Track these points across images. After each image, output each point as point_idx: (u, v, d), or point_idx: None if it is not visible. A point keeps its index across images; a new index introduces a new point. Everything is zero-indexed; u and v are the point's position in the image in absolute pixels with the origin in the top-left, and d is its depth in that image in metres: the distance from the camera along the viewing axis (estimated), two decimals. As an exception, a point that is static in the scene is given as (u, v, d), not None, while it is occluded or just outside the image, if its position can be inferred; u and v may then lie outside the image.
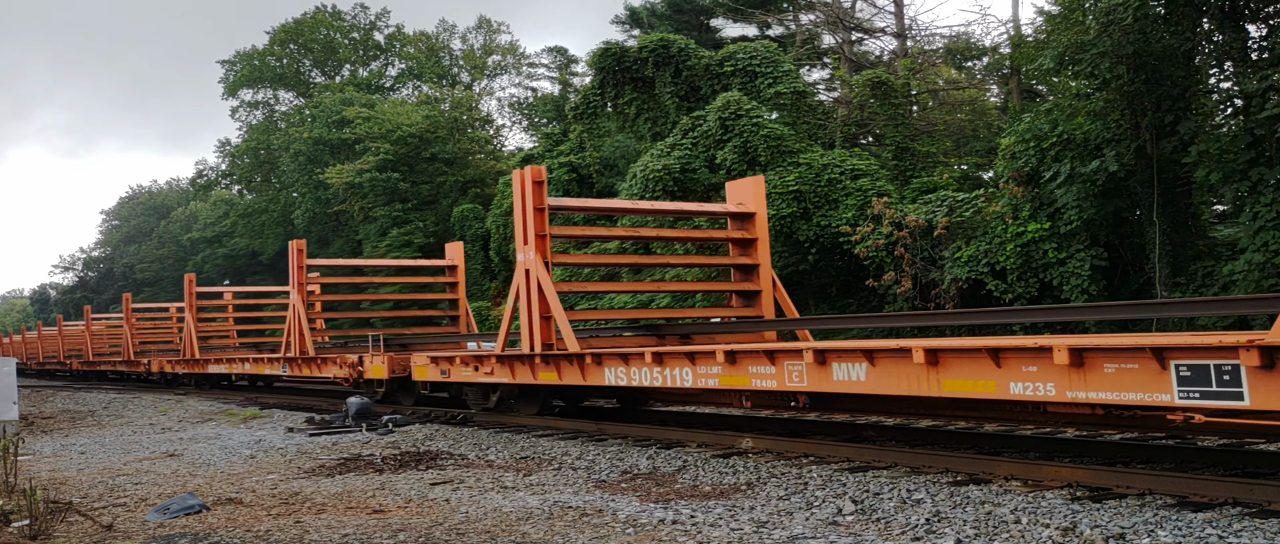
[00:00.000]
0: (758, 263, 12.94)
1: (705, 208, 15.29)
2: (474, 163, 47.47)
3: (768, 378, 8.94)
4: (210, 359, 24.26)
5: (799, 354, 8.61)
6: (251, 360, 21.75)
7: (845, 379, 8.25)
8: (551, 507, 7.56)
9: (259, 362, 21.17)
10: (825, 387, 8.41)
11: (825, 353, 8.39)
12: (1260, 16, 16.07)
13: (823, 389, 8.45)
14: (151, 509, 8.16)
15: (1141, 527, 6.06)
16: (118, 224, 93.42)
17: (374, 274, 29.04)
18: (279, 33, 61.93)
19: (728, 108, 24.05)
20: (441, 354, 13.88)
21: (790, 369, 8.72)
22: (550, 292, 11.45)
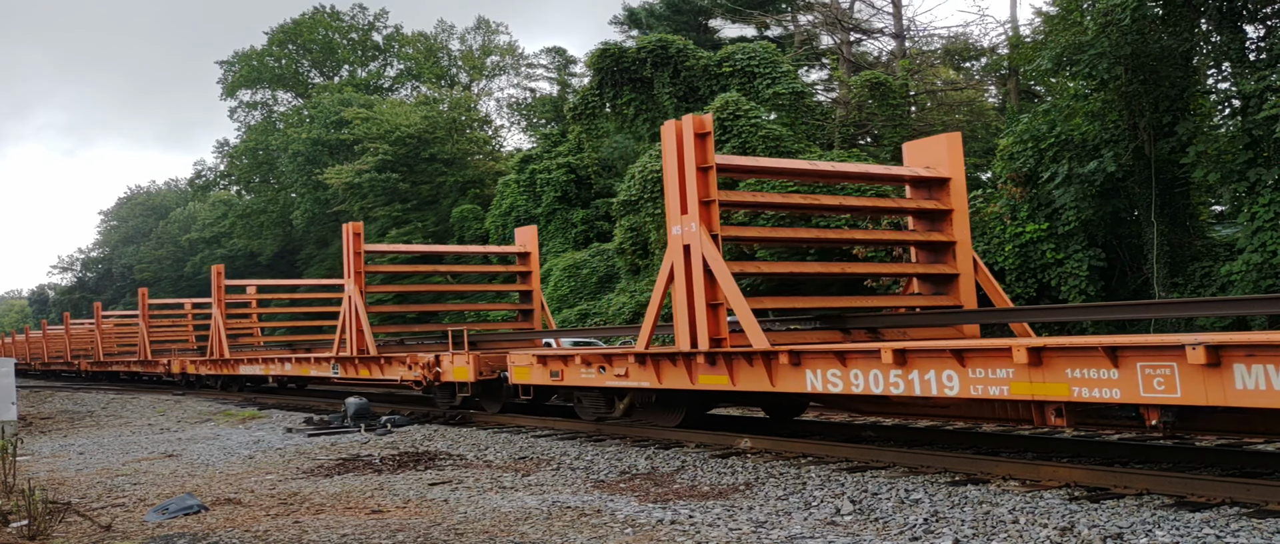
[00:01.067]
0: (953, 240, 10.46)
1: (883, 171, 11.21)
2: (473, 163, 47.49)
3: (1103, 387, 6.60)
4: (241, 359, 22.21)
5: (1166, 351, 6.26)
6: (294, 360, 19.22)
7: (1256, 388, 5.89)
8: (550, 507, 7.57)
9: (304, 362, 18.69)
10: (1216, 398, 6.08)
11: (1219, 349, 6.00)
12: (1258, 17, 16.10)
13: (1210, 402, 6.11)
14: (150, 509, 8.16)
15: (1139, 526, 6.07)
16: (116, 224, 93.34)
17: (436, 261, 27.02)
18: (278, 33, 61.96)
19: (726, 108, 24.06)
20: (551, 353, 11.89)
21: (1150, 374, 6.37)
22: (723, 273, 9.23)
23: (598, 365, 10.96)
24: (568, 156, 35.87)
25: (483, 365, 13.76)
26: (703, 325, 9.43)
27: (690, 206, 9.50)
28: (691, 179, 9.47)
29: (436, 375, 14.44)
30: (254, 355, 22.16)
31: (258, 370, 21.28)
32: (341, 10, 63.05)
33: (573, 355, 11.35)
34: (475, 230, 40.08)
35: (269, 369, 20.73)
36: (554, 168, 35.69)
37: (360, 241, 16.36)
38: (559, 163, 35.86)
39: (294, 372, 19.26)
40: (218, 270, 24.16)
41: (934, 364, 7.61)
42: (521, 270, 17.84)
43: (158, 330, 33.52)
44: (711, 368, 9.56)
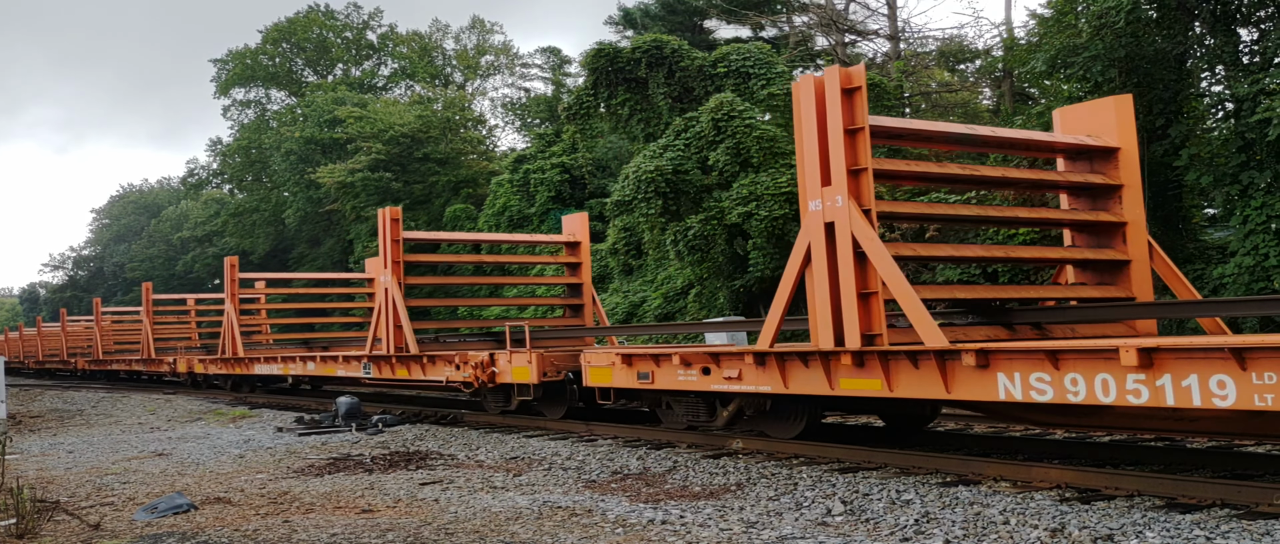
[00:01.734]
0: (1124, 221, 9.18)
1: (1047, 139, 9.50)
2: (466, 163, 47.45)
3: None
4: (256, 357, 20.71)
5: None
6: (319, 359, 17.70)
7: None
8: (541, 507, 7.54)
9: (330, 361, 17.24)
10: None
11: None
12: (1252, 21, 16.14)
13: None
14: (139, 508, 8.13)
15: (1130, 527, 6.06)
16: (108, 223, 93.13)
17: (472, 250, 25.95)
18: (272, 32, 61.84)
19: (720, 109, 24.05)
20: (640, 351, 10.47)
21: None
22: (880, 255, 7.79)
23: (700, 366, 9.62)
24: (562, 156, 35.86)
25: (547, 365, 12.34)
26: (852, 319, 7.94)
27: (834, 177, 8.05)
28: (837, 145, 8.00)
29: (491, 376, 13.07)
30: (271, 353, 20.63)
31: (275, 370, 19.67)
32: (336, 9, 62.99)
33: (669, 354, 10.00)
34: (468, 229, 40.04)
35: (288, 368, 19.05)
36: (548, 168, 35.67)
37: (398, 228, 14.81)
38: (553, 163, 35.84)
39: (318, 372, 17.76)
40: (231, 262, 22.47)
41: (1197, 367, 6.16)
42: (570, 261, 16.30)
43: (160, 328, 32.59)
44: (859, 370, 8.06)
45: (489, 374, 13.06)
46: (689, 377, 9.83)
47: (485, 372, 13.11)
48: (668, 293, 26.73)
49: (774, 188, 21.82)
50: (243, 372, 21.41)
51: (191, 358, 25.04)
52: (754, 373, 9.03)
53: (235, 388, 23.64)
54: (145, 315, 28.89)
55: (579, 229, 16.36)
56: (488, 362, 13.08)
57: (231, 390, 23.69)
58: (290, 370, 19.05)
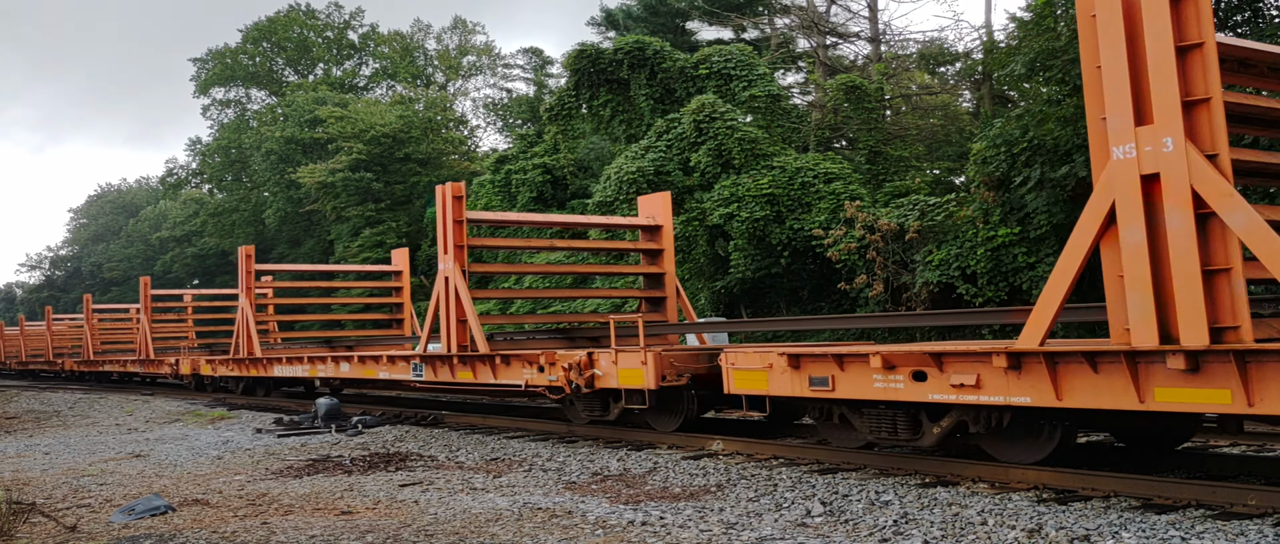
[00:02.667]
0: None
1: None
2: (448, 163, 47.33)
3: None
4: (276, 358, 18.53)
5: None
6: (355, 360, 15.53)
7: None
8: (521, 508, 7.54)
9: (369, 362, 15.18)
10: None
11: None
12: (1228, 25, 16.29)
13: None
14: (116, 510, 8.07)
15: (1106, 528, 6.12)
16: (85, 222, 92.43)
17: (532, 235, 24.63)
18: (252, 31, 61.50)
19: (702, 110, 24.10)
20: (813, 351, 8.70)
21: None
22: (1244, 216, 5.86)
23: (909, 371, 7.81)
24: (544, 157, 35.80)
25: (667, 367, 10.46)
26: (1194, 306, 6.01)
27: (1156, 111, 6.26)
28: (1167, 66, 6.22)
29: (589, 380, 11.10)
30: (295, 353, 18.33)
31: (300, 371, 17.51)
32: (317, 8, 62.68)
33: (862, 355, 8.17)
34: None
35: (316, 370, 16.86)
36: (530, 168, 35.61)
37: (462, 207, 12.86)
38: (535, 163, 35.78)
39: (354, 374, 15.64)
40: (246, 252, 20.04)
41: None
42: (650, 247, 14.31)
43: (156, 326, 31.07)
44: (1193, 377, 6.13)
45: (586, 377, 11.08)
46: (891, 384, 7.98)
47: (582, 374, 11.12)
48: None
49: (755, 189, 21.88)
50: (260, 374, 19.34)
51: (197, 358, 23.09)
52: (1003, 380, 7.18)
53: (248, 392, 21.94)
54: (143, 313, 26.97)
55: (660, 211, 14.37)
56: (585, 362, 11.11)
57: (243, 394, 22.07)
58: (319, 372, 16.88)
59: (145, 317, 26.87)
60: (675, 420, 11.17)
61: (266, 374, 19.02)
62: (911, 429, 8.46)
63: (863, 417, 8.81)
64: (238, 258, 20.10)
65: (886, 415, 8.60)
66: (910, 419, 8.47)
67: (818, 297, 22.69)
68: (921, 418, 8.39)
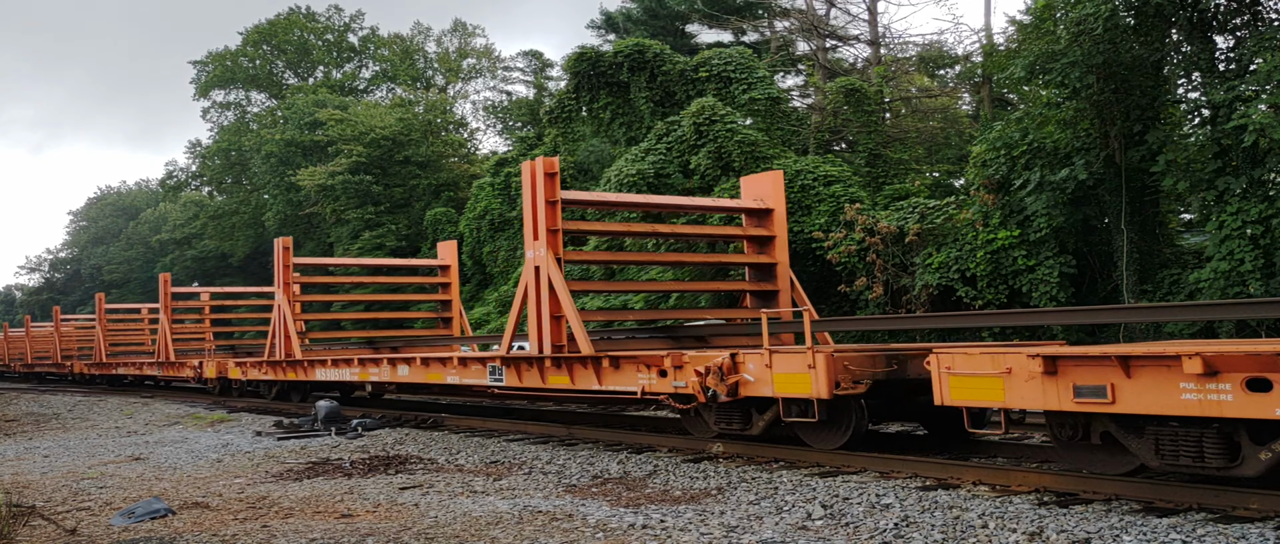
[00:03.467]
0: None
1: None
2: (448, 166, 47.34)
3: None
4: (320, 360, 16.77)
5: None
6: (417, 361, 13.78)
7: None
8: (521, 511, 7.53)
9: (434, 365, 13.41)
10: None
11: None
12: (1227, 28, 16.29)
13: None
14: (116, 513, 8.06)
15: (1107, 531, 6.11)
16: (85, 225, 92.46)
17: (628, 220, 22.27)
18: (252, 34, 61.54)
19: (702, 113, 24.11)
20: (1074, 354, 7.14)
21: None
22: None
23: (1240, 378, 6.22)
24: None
25: (841, 371, 8.71)
26: None
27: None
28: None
29: (733, 387, 9.37)
30: (343, 355, 16.74)
31: (348, 375, 15.79)
32: (317, 11, 62.73)
33: (1166, 356, 6.56)
34: (449, 233, 39.93)
35: (368, 373, 15.15)
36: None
37: (555, 186, 11.21)
38: (534, 166, 35.76)
39: (415, 378, 13.90)
40: (284, 244, 18.14)
41: None
42: (758, 234, 12.61)
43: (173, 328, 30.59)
44: None
45: (729, 384, 9.32)
46: (1210, 395, 6.36)
47: (722, 380, 9.35)
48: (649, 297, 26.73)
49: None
50: (299, 377, 17.51)
51: (224, 360, 21.40)
52: None
53: (282, 396, 19.83)
54: (163, 313, 25.21)
55: (771, 192, 12.58)
56: (728, 366, 9.34)
57: (276, 398, 20.04)
58: (371, 376, 15.10)
59: (165, 317, 25.12)
60: (839, 436, 9.30)
61: (307, 377, 17.17)
62: (1226, 454, 6.64)
63: (1145, 437, 7.07)
64: (274, 251, 18.37)
65: (1187, 436, 6.85)
66: (1224, 441, 6.67)
67: (818, 299, 22.67)
68: (1241, 439, 6.62)
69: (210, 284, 57.14)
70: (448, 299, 19.72)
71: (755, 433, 9.89)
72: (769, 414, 9.62)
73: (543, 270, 11.15)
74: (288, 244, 18.22)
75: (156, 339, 25.45)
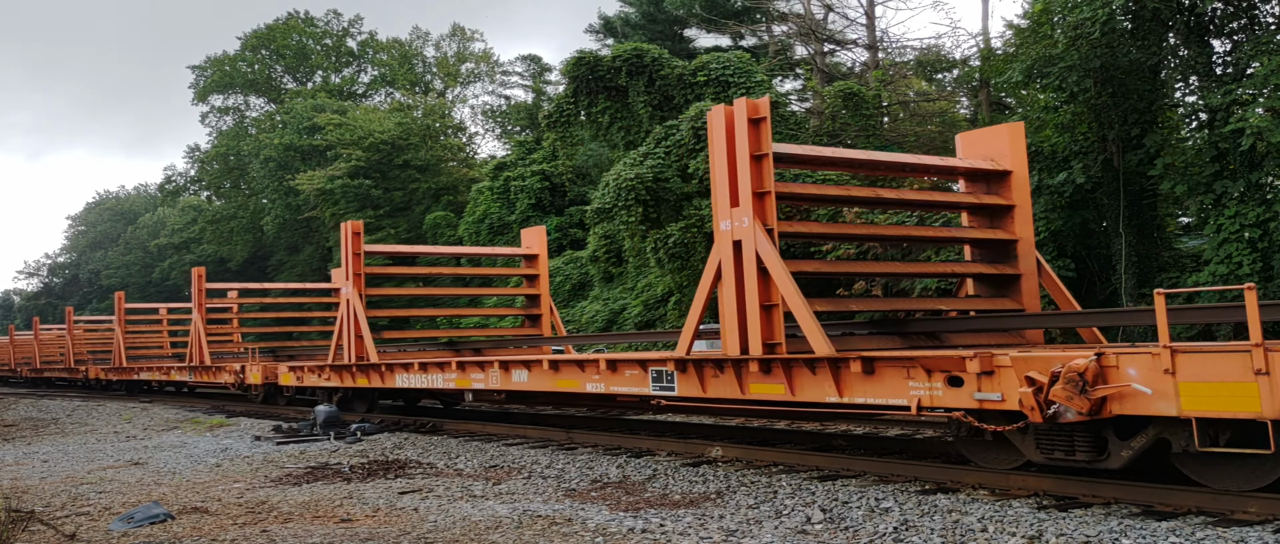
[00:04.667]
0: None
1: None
2: (446, 170, 47.38)
3: None
4: (403, 364, 14.07)
5: None
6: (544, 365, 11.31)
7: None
8: (520, 515, 7.53)
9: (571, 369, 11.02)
10: None
11: None
12: (1224, 32, 16.33)
13: None
14: (115, 518, 8.05)
15: (1106, 535, 6.12)
16: (84, 229, 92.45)
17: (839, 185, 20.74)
18: (251, 38, 61.57)
19: (700, 117, 24.12)
20: None
21: None
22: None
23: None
24: (542, 164, 35.86)
25: None
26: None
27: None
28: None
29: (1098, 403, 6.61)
30: (435, 357, 13.97)
31: (441, 381, 13.13)
32: (316, 16, 62.77)
33: None
34: (448, 237, 39.97)
35: (468, 379, 12.46)
36: (528, 175, 35.66)
37: (762, 135, 8.80)
38: (533, 170, 35.83)
39: (540, 385, 11.32)
40: (354, 229, 15.60)
41: None
42: (996, 201, 9.93)
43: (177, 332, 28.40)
44: None
45: (1094, 398, 6.59)
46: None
47: (1084, 391, 6.61)
48: (648, 300, 26.75)
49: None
50: (375, 384, 14.65)
51: (272, 365, 18.91)
52: None
53: (345, 406, 16.72)
54: (196, 311, 22.92)
55: (1008, 150, 9.91)
56: (1092, 372, 6.64)
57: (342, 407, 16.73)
58: (475, 382, 12.36)
59: (199, 314, 22.59)
60: (1260, 475, 6.54)
61: (384, 384, 14.35)
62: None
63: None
64: (341, 237, 15.69)
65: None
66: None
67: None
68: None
69: (209, 289, 56.93)
70: (536, 293, 17.23)
71: (1113, 465, 7.12)
72: (1143, 439, 6.92)
73: (747, 246, 8.77)
74: (358, 228, 15.72)
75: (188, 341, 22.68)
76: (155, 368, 25.83)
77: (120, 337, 28.74)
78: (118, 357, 28.56)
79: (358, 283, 15.07)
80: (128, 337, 29.73)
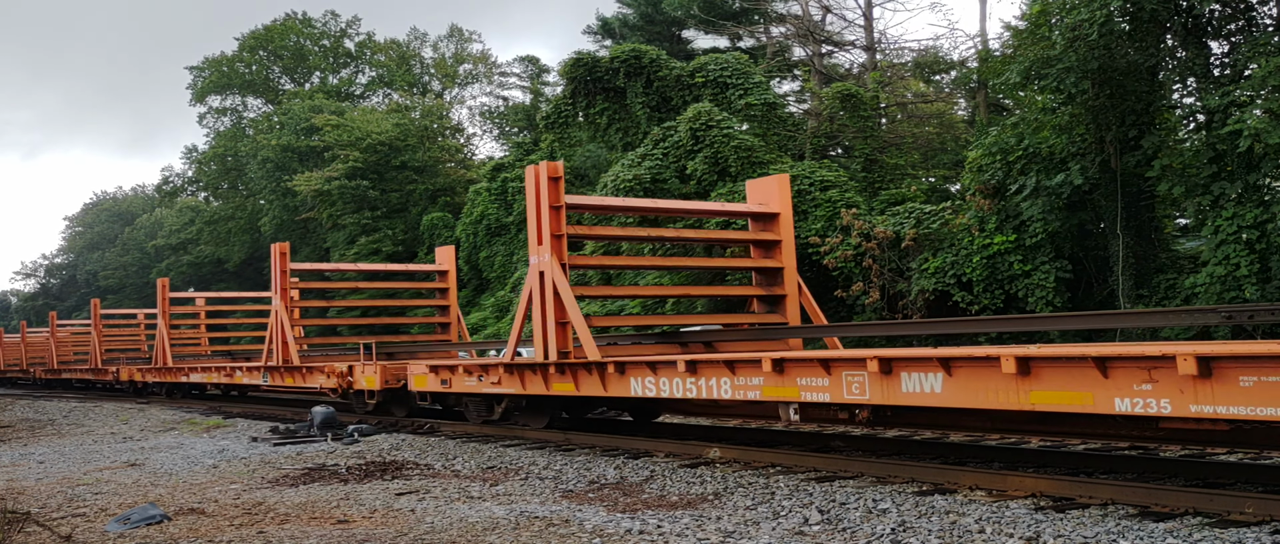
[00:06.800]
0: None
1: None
2: (444, 171, 47.35)
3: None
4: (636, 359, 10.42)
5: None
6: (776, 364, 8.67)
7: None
8: (518, 517, 7.52)
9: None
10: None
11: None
12: (1222, 33, 16.35)
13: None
14: (112, 519, 8.04)
15: (1104, 536, 6.11)
16: (81, 230, 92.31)
17: None
18: (248, 39, 61.51)
19: (698, 118, 24.13)
20: None
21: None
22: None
23: None
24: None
25: None
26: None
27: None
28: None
29: None
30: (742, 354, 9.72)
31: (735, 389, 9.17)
32: (314, 16, 62.70)
33: None
34: (445, 238, 39.94)
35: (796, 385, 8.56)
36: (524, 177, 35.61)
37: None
38: (531, 171, 35.76)
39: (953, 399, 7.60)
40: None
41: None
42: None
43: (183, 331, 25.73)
44: None
45: None
46: None
47: None
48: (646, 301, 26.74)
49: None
50: (583, 391, 10.88)
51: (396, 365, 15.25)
52: None
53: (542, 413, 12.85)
54: (278, 297, 17.70)
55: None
56: None
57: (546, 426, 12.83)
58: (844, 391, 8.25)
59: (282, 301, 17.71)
60: None
61: (606, 392, 10.58)
62: None
63: None
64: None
65: None
66: None
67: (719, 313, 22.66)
68: None
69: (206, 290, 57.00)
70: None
71: None
72: None
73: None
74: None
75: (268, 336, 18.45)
76: (213, 369, 21.64)
77: (164, 332, 24.51)
78: (160, 355, 24.53)
79: (558, 249, 11.02)
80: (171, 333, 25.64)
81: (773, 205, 12.14)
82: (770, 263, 12.16)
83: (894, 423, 10.40)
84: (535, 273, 10.88)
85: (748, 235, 12.43)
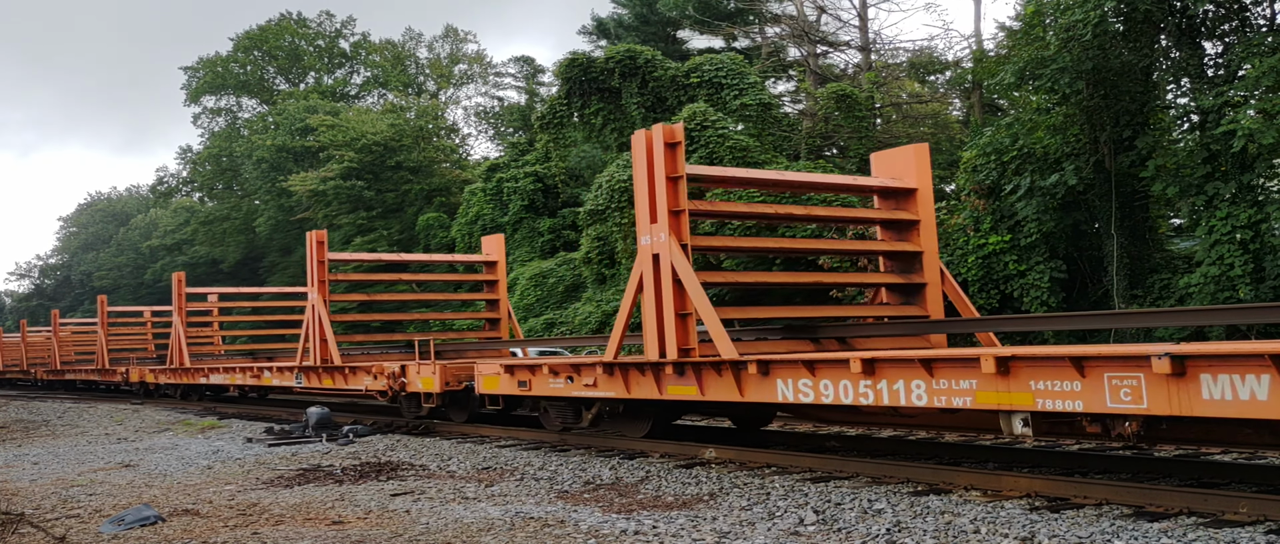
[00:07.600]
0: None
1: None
2: (439, 171, 47.33)
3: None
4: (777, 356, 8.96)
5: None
6: None
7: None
8: (513, 517, 7.52)
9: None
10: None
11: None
12: (1216, 34, 16.39)
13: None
14: (106, 521, 8.02)
15: (1099, 536, 6.12)
16: (76, 231, 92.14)
17: None
18: (243, 39, 61.45)
19: (694, 119, 24.14)
20: None
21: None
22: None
23: None
24: (535, 165, 35.82)
25: None
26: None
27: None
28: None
29: None
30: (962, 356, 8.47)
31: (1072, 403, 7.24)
32: (308, 17, 62.66)
33: None
34: (441, 239, 39.91)
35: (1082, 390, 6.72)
36: (521, 177, 35.62)
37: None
38: (526, 172, 35.79)
39: None
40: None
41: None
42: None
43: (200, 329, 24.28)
44: None
45: None
46: None
47: None
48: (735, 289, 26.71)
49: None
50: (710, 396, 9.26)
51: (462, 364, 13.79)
52: None
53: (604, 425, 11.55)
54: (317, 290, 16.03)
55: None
56: None
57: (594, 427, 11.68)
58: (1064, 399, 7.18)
59: (320, 295, 15.92)
60: None
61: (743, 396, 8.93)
62: None
63: None
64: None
65: None
66: None
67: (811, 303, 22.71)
68: None
69: (201, 290, 56.71)
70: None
71: None
72: None
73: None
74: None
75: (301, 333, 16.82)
76: (237, 369, 19.77)
77: (180, 330, 23.01)
78: (176, 355, 22.98)
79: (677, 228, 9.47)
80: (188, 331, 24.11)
81: (908, 180, 10.33)
82: (907, 246, 10.38)
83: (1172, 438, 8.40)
84: (647, 256, 9.26)
85: (880, 214, 10.61)
